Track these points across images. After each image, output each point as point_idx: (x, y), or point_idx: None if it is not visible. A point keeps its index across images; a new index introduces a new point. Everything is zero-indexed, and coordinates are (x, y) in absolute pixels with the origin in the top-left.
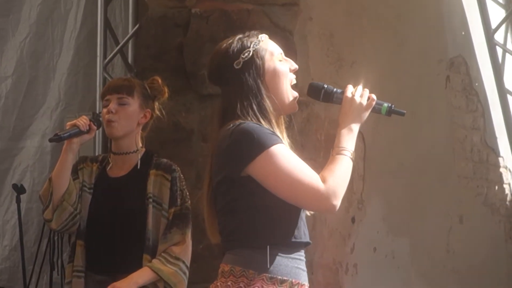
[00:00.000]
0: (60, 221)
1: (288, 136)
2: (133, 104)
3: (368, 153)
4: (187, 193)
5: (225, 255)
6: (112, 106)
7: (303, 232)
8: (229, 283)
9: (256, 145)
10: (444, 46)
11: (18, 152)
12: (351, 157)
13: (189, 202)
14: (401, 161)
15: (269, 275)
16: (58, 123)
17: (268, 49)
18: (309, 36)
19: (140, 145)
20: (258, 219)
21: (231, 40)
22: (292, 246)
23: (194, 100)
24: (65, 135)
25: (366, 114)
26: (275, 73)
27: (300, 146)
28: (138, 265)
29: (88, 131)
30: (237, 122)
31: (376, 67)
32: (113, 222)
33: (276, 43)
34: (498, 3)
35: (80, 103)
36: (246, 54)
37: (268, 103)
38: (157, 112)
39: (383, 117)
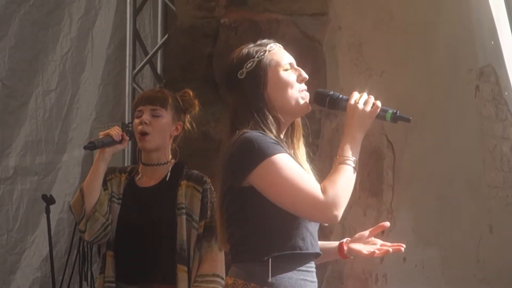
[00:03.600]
0: (92, 232)
1: (311, 144)
2: (166, 116)
3: (398, 163)
4: None
5: (230, 268)
6: (145, 117)
7: (310, 243)
8: None
9: (256, 155)
10: (473, 56)
11: (62, 165)
12: (354, 166)
13: None
14: (431, 170)
15: None
16: (90, 134)
17: (274, 59)
18: (338, 45)
19: (170, 157)
20: (261, 230)
21: (241, 49)
22: (299, 258)
23: (223, 111)
24: (99, 143)
25: (370, 121)
26: (278, 84)
27: (330, 156)
28: (169, 275)
29: (121, 141)
30: (241, 132)
31: (406, 76)
32: (141, 231)
33: (293, 52)
34: None
35: (110, 113)
36: (250, 64)
37: (268, 114)
38: (188, 125)
39: (413, 127)
